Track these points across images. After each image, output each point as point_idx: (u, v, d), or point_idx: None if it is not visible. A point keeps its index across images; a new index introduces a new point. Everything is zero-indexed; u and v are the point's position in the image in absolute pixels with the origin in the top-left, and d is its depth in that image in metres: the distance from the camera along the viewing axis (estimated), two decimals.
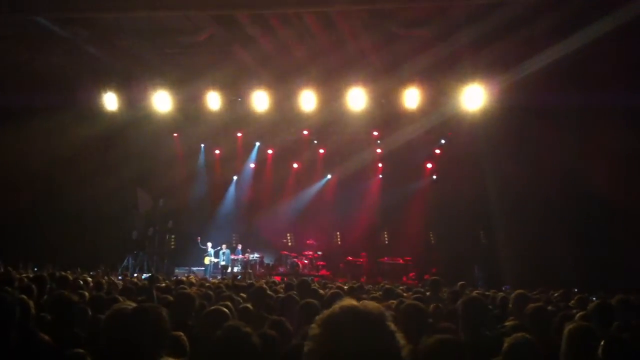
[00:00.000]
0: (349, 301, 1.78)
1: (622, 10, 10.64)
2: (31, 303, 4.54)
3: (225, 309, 4.32)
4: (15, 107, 15.49)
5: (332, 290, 6.97)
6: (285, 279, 14.53)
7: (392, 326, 1.74)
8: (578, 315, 5.56)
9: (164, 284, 9.18)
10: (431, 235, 21.30)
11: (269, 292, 6.53)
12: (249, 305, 5.39)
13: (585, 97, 13.43)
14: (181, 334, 3.72)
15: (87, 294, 6.62)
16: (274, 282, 11.20)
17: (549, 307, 6.36)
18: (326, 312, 1.76)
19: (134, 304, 2.93)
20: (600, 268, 14.21)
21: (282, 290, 7.92)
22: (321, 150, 22.16)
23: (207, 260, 19.77)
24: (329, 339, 1.69)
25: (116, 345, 2.62)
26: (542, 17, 11.58)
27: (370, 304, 1.78)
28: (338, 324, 1.70)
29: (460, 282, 10.51)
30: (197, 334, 4.01)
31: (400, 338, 1.73)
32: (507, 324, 5.41)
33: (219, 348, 2.83)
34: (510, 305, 6.45)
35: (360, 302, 1.79)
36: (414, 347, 2.70)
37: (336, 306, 1.76)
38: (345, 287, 8.99)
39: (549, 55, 12.11)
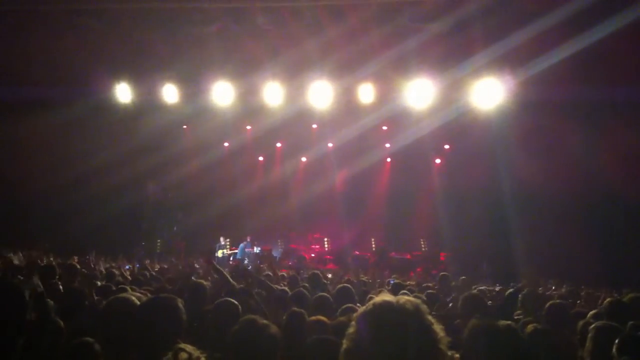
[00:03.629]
0: (383, 297, 1.75)
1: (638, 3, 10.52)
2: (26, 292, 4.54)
3: (235, 301, 4.30)
4: (27, 100, 15.56)
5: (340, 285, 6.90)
6: (289, 272, 14.47)
7: (430, 319, 1.72)
8: (591, 313, 5.53)
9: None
10: (440, 229, 21.27)
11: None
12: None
13: (600, 92, 13.30)
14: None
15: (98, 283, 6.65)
16: (282, 276, 11.17)
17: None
18: (362, 309, 1.76)
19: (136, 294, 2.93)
20: (613, 265, 14.12)
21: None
22: (330, 145, 22.14)
23: (219, 253, 19.87)
24: (367, 335, 1.67)
25: (131, 334, 2.61)
26: (557, 10, 11.45)
27: (407, 298, 1.76)
28: (375, 319, 1.69)
29: (462, 277, 10.53)
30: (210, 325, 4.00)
31: (440, 330, 1.71)
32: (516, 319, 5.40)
33: (237, 342, 2.81)
34: (519, 302, 6.40)
35: (396, 297, 1.76)
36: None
37: (371, 303, 1.74)
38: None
39: (564, 50, 11.98)
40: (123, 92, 15.32)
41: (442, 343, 1.70)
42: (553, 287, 10.27)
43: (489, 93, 14.05)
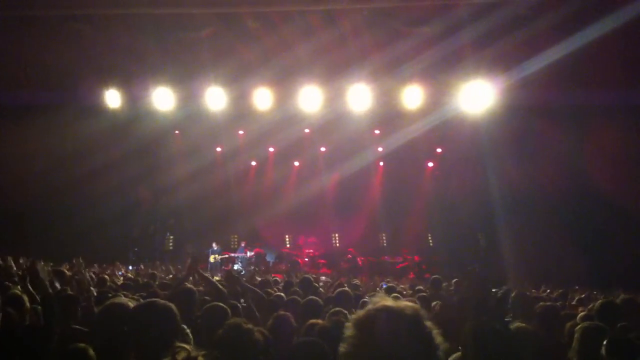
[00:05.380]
0: (383, 301, 1.75)
1: (626, 8, 10.62)
2: (25, 298, 4.55)
3: (224, 305, 4.32)
4: (16, 105, 15.49)
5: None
6: (283, 276, 14.45)
7: (429, 325, 1.72)
8: (580, 315, 5.56)
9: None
10: (429, 236, 21.35)
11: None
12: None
13: (587, 96, 13.42)
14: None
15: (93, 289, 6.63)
16: (275, 280, 11.17)
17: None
18: (361, 313, 1.74)
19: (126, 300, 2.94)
20: (602, 267, 14.20)
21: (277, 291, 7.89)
22: (322, 149, 22.14)
23: (212, 259, 19.83)
24: (365, 340, 1.67)
25: (126, 338, 2.62)
26: (545, 16, 11.55)
27: (406, 303, 1.76)
28: (374, 324, 1.68)
29: (455, 280, 10.56)
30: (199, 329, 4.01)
31: (438, 336, 1.71)
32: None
33: (222, 346, 2.83)
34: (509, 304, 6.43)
35: (396, 301, 1.76)
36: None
37: (371, 306, 1.74)
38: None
39: (551, 54, 12.08)
40: (114, 97, 15.26)
41: (440, 350, 1.69)
42: (548, 290, 10.30)
43: (479, 96, 14.11)
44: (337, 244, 22.24)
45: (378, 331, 1.66)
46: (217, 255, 20.00)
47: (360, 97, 14.73)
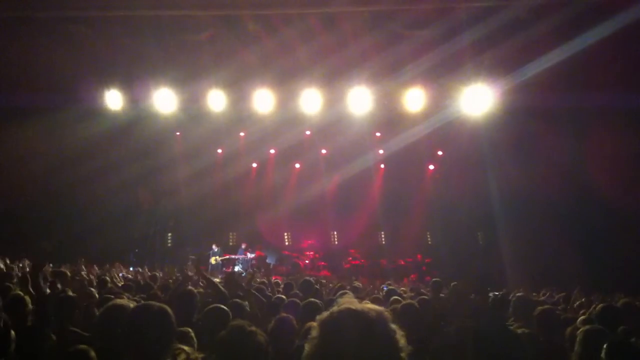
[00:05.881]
0: (348, 302, 1.76)
1: (625, 12, 10.64)
2: (27, 299, 4.56)
3: (225, 308, 4.33)
4: (17, 107, 15.49)
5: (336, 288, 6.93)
6: (281, 278, 14.44)
7: (393, 327, 1.72)
8: (580, 319, 5.56)
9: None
10: (428, 235, 21.37)
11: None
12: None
13: (586, 99, 13.43)
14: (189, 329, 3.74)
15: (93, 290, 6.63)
16: (276, 282, 11.16)
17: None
18: (325, 314, 1.75)
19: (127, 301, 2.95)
20: (601, 270, 14.20)
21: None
22: (323, 151, 22.14)
23: (213, 260, 19.83)
24: (328, 340, 1.68)
25: (124, 341, 2.63)
26: (544, 19, 11.57)
27: (370, 306, 1.76)
28: (337, 325, 1.69)
29: (453, 283, 10.55)
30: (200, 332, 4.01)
31: (401, 339, 1.71)
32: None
33: (224, 348, 2.83)
34: (510, 308, 6.43)
35: (360, 303, 1.77)
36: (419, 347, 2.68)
37: (335, 307, 1.74)
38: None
39: (551, 58, 12.11)
40: (115, 99, 15.27)
41: (404, 352, 1.70)
42: (547, 294, 10.28)
43: (479, 99, 14.12)
44: (338, 246, 22.21)
45: (341, 333, 1.66)
46: (217, 257, 20.00)
47: (360, 99, 14.74)
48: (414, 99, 14.55)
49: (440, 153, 21.75)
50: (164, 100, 15.23)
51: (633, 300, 5.81)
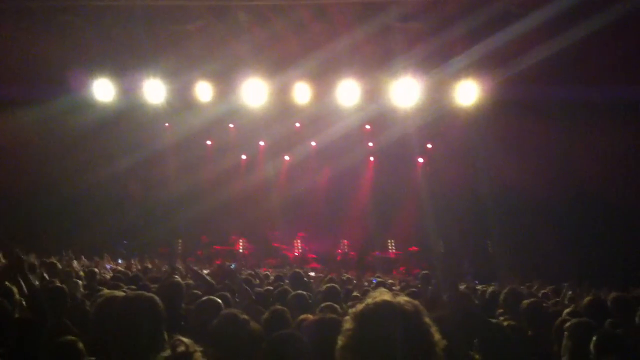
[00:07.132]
0: (382, 295, 1.75)
1: (617, 4, 10.67)
2: (15, 289, 4.53)
3: (217, 299, 4.32)
4: (5, 97, 15.34)
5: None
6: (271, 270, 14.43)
7: (428, 321, 1.72)
8: (566, 311, 5.59)
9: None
10: (422, 229, 21.37)
11: None
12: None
13: (578, 92, 13.49)
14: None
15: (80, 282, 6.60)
16: (266, 274, 11.15)
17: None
18: (360, 307, 1.74)
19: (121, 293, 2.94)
20: (592, 264, 14.28)
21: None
22: (313, 144, 22.10)
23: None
24: (364, 332, 1.67)
25: (114, 333, 2.61)
26: (535, 12, 11.59)
27: (406, 299, 1.76)
28: (373, 317, 1.68)
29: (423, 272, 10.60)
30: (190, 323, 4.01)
31: (436, 333, 1.71)
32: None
33: (217, 336, 2.82)
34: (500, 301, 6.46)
35: (395, 297, 1.76)
36: None
37: (370, 300, 1.73)
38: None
39: (542, 50, 12.13)
40: (104, 90, 15.16)
41: (439, 346, 1.70)
42: (536, 286, 10.34)
43: (470, 93, 14.15)
44: (328, 238, 22.20)
45: (378, 326, 1.66)
46: (205, 249, 19.94)
47: (351, 92, 14.72)
48: (406, 91, 14.54)
49: (429, 146, 21.77)
50: (154, 91, 15.14)
51: (623, 295, 5.84)
